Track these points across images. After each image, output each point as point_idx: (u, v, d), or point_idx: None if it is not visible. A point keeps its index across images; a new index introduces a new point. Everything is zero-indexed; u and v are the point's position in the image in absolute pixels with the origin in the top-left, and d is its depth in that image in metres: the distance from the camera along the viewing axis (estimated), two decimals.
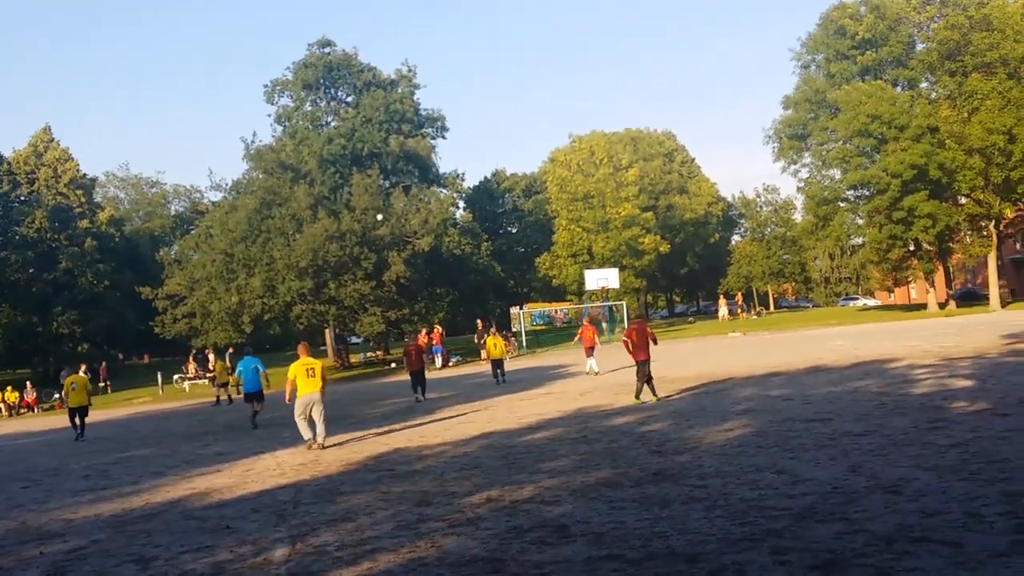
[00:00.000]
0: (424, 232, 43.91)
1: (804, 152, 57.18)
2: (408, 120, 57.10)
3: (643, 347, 17.48)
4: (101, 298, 57.44)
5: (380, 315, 40.42)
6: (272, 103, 58.03)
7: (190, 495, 11.30)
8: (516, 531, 7.56)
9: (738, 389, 18.14)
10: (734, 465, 9.70)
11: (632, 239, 63.11)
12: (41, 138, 62.25)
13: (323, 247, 38.66)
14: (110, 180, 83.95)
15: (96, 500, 11.65)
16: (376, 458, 13.10)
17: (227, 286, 39.31)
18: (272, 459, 14.19)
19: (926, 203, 48.70)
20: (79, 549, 8.66)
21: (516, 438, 13.75)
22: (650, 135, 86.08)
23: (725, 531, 6.90)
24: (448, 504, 9.04)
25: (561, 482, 9.66)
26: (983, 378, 15.69)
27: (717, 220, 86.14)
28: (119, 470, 14.75)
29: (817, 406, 14.03)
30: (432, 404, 21.79)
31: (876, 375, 18.13)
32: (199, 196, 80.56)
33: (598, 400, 18.46)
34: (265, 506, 10.00)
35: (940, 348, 23.80)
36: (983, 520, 6.54)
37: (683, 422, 13.69)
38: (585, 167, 66.35)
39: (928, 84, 54.87)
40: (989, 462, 8.56)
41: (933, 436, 10.28)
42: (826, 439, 10.80)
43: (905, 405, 13.17)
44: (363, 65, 57.67)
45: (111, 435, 22.57)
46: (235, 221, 40.91)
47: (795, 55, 58.53)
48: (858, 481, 8.28)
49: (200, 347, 42.12)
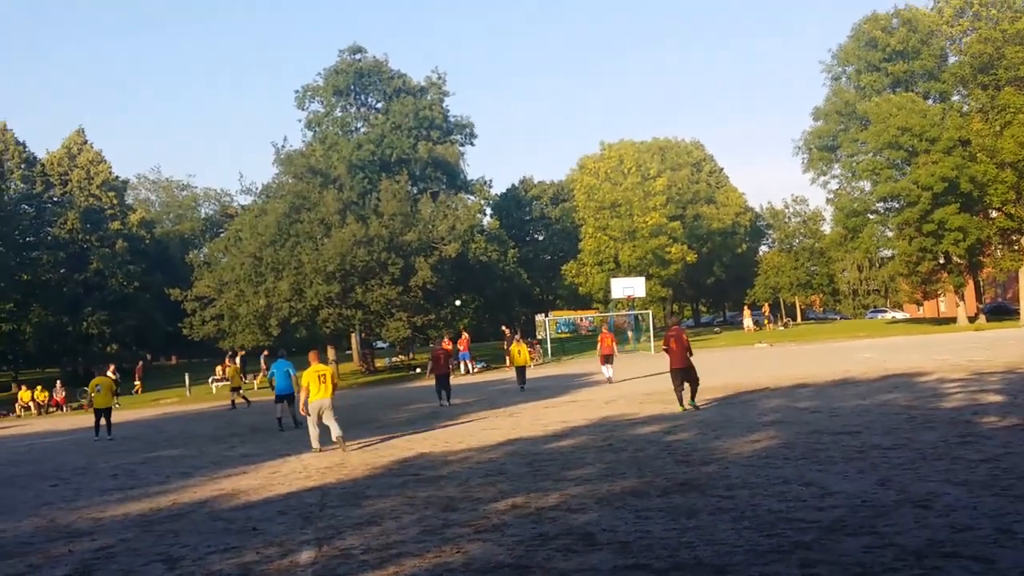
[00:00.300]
0: (451, 238, 44.02)
1: (834, 163, 56.79)
2: (437, 127, 57.32)
3: (680, 355, 17.31)
4: (131, 299, 58.01)
5: (406, 320, 40.51)
6: (303, 108, 58.48)
7: (217, 496, 11.38)
8: (542, 538, 7.55)
9: (765, 400, 18.03)
10: (761, 476, 9.65)
11: (659, 248, 62.96)
12: (74, 140, 62.97)
13: (351, 252, 38.80)
14: (141, 182, 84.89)
15: (124, 499, 11.76)
16: (401, 462, 13.13)
17: (255, 289, 39.53)
18: (298, 462, 14.26)
19: (957, 216, 48.27)
20: (107, 548, 8.74)
21: (541, 445, 13.74)
22: (678, 144, 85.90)
23: (753, 543, 6.86)
24: (473, 510, 9.05)
25: (587, 490, 9.64)
26: (1014, 393, 15.52)
27: (745, 230, 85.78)
28: (147, 470, 14.87)
29: (845, 418, 13.92)
30: (457, 410, 21.81)
31: (905, 388, 17.97)
32: (229, 200, 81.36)
33: (624, 409, 18.40)
34: (291, 508, 10.05)
35: (970, 362, 23.54)
36: (1015, 536, 6.47)
37: (710, 432, 13.63)
38: (613, 175, 66.28)
39: (960, 97, 54.42)
40: (1020, 478, 8.46)
41: (963, 451, 10.18)
42: (855, 452, 10.72)
43: (935, 419, 13.05)
44: (393, 72, 57.96)
45: (139, 435, 22.76)
46: (264, 225, 41.13)
47: (826, 66, 58.19)
48: (887, 495, 8.21)
49: (238, 348, 42.35)
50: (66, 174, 61.10)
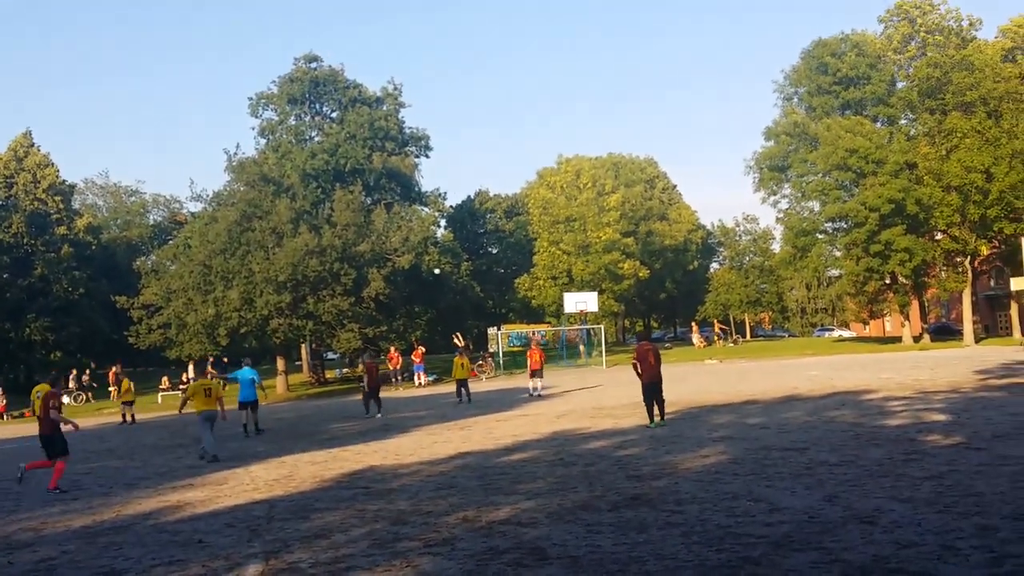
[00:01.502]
0: (404, 250, 43.93)
1: (784, 183, 57.67)
2: (392, 138, 57.21)
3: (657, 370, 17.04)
4: (75, 306, 56.89)
5: (358, 331, 40.30)
6: (256, 116, 58.04)
7: (162, 508, 11.18)
8: (492, 552, 7.52)
9: (715, 416, 18.17)
10: (711, 492, 9.71)
11: (612, 263, 63.34)
12: (21, 143, 61.73)
13: (303, 261, 38.53)
14: (89, 187, 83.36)
15: (66, 511, 11.50)
16: (351, 475, 13.02)
17: (204, 298, 39.07)
18: (245, 474, 14.07)
19: (903, 237, 49.27)
20: (48, 560, 8.54)
21: (493, 459, 13.70)
22: (632, 161, 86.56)
23: (702, 557, 6.90)
24: (424, 523, 8.99)
25: (538, 504, 9.63)
26: (957, 412, 15.79)
27: (696, 247, 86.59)
28: (89, 480, 14.58)
29: (793, 435, 14.08)
30: (407, 422, 21.70)
31: (851, 406, 18.22)
32: (179, 206, 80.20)
33: (575, 423, 18.42)
34: (238, 521, 9.91)
35: (915, 381, 23.95)
36: (958, 552, 6.57)
37: (660, 447, 13.69)
38: (569, 190, 66.61)
39: (907, 121, 55.54)
40: (964, 495, 8.61)
41: (908, 468, 10.34)
42: (802, 468, 10.84)
43: (880, 436, 13.24)
44: (349, 81, 57.79)
45: (81, 446, 22.29)
46: (215, 233, 40.69)
47: (778, 87, 59.21)
48: (834, 511, 8.30)
49: (200, 358, 41.80)
50: (12, 177, 59.83)
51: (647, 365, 16.95)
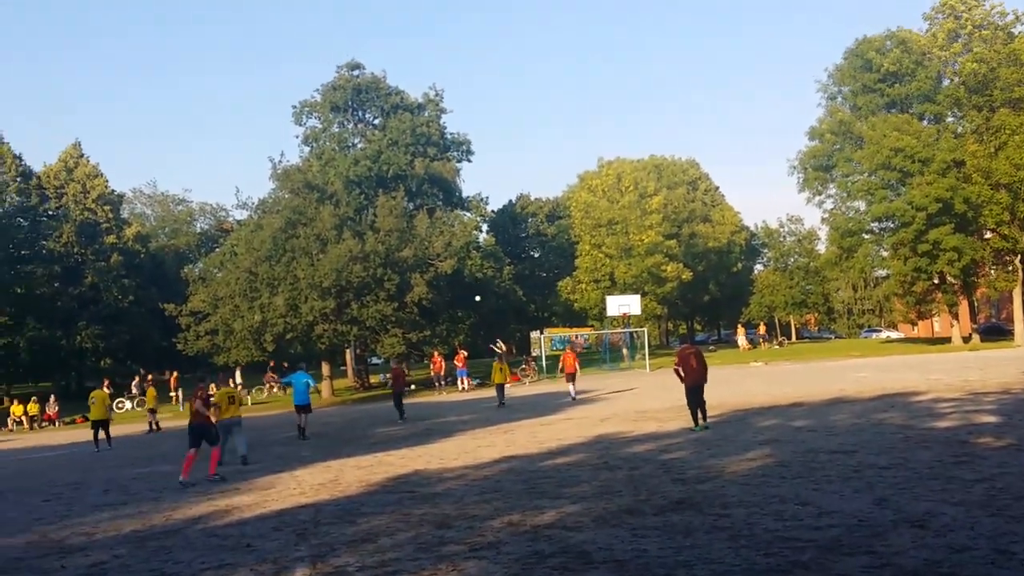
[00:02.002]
0: (447, 255, 44.04)
1: (829, 183, 56.99)
2: (434, 143, 57.43)
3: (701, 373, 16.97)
4: (125, 313, 57.81)
5: (401, 336, 40.50)
6: (300, 124, 58.58)
7: (210, 512, 11.32)
8: (538, 556, 7.52)
9: (761, 419, 18.01)
10: (758, 495, 9.63)
11: (655, 266, 62.97)
12: (71, 154, 62.89)
13: (347, 267, 38.79)
14: (137, 196, 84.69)
15: (116, 515, 11.70)
16: (396, 479, 13.09)
17: (250, 304, 39.47)
18: (291, 478, 14.20)
19: (951, 236, 48.45)
20: (100, 564, 8.69)
21: (537, 463, 13.70)
22: (674, 163, 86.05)
23: (750, 562, 6.84)
24: (469, 527, 9.01)
25: (583, 508, 9.61)
26: (1008, 413, 15.53)
27: (740, 249, 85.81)
28: (139, 485, 14.81)
29: (841, 438, 13.92)
30: (452, 427, 21.79)
31: (900, 408, 17.97)
32: (225, 214, 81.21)
33: (619, 427, 18.37)
34: (285, 525, 10.00)
35: (964, 382, 23.57)
36: (1013, 557, 6.46)
37: (705, 451, 13.61)
38: (610, 193, 66.38)
39: (954, 119, 54.65)
40: (1017, 498, 8.46)
41: (959, 471, 10.17)
42: (851, 471, 10.70)
43: (930, 439, 13.04)
44: (391, 88, 58.11)
45: (131, 451, 22.66)
46: (260, 240, 41.10)
47: (821, 86, 58.50)
48: (884, 514, 8.19)
49: (231, 364, 42.31)
50: (62, 187, 60.96)
51: (689, 369, 16.90)
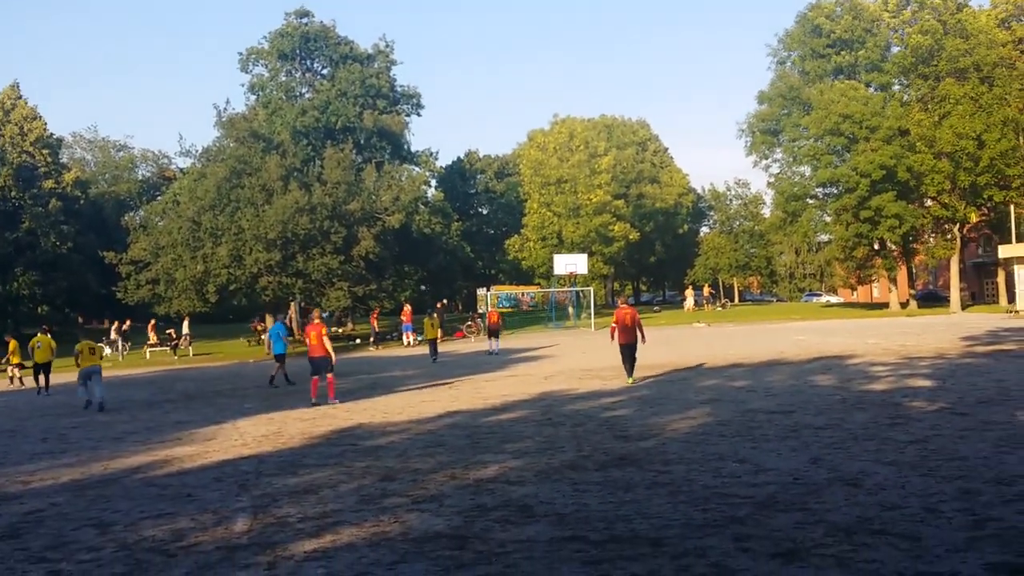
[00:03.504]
0: (395, 209, 43.74)
1: (776, 148, 57.59)
2: (383, 96, 56.78)
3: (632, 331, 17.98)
4: (64, 260, 56.59)
5: (347, 290, 40.26)
6: (246, 71, 57.49)
7: (150, 462, 11.21)
8: (480, 509, 7.59)
9: (702, 378, 18.29)
10: (697, 453, 9.79)
11: (602, 226, 63.29)
12: (8, 95, 61.01)
13: (293, 219, 38.36)
14: (77, 141, 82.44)
15: (54, 464, 11.53)
16: (339, 432, 13.07)
17: (193, 254, 38.93)
18: (233, 429, 14.10)
19: (893, 204, 49.31)
20: (36, 512, 8.57)
21: (481, 418, 13.77)
22: (624, 123, 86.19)
23: (688, 517, 6.96)
24: (412, 480, 9.05)
25: (525, 463, 9.69)
26: (942, 378, 15.93)
27: (687, 211, 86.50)
28: (78, 434, 14.60)
29: (779, 398, 14.19)
30: (395, 381, 21.78)
31: (837, 370, 18.36)
32: (167, 162, 79.58)
33: (563, 384, 18.51)
34: (227, 476, 9.95)
35: (901, 347, 24.13)
36: (941, 515, 6.65)
37: (647, 409, 13.78)
38: (561, 151, 66.32)
39: (900, 87, 55.34)
40: (947, 459, 8.70)
41: (893, 432, 10.44)
42: (788, 431, 10.93)
43: (866, 401, 13.35)
44: (340, 38, 57.19)
45: (69, 399, 22.31)
46: (204, 189, 40.47)
47: (771, 51, 58.97)
48: (819, 473, 8.39)
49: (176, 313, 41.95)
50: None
51: (624, 327, 18.02)
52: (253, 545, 6.80)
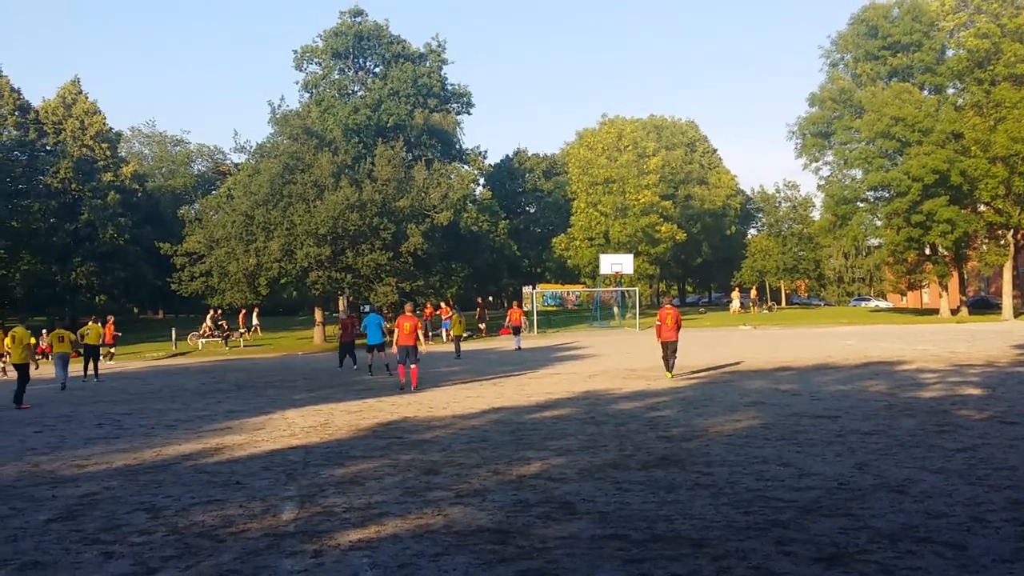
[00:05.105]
0: (443, 207, 44.00)
1: (827, 150, 56.86)
2: (434, 94, 57.11)
3: (673, 329, 19.28)
4: (121, 252, 57.69)
5: (395, 285, 40.59)
6: (301, 69, 58.14)
7: (201, 450, 11.45)
8: (522, 505, 7.67)
9: (747, 381, 18.20)
10: (741, 455, 9.79)
11: (649, 226, 62.93)
12: (70, 90, 62.23)
13: (343, 215, 38.76)
14: (135, 135, 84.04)
15: (109, 449, 11.82)
16: (385, 425, 13.23)
17: (246, 247, 39.47)
18: (282, 419, 14.34)
19: (946, 208, 48.49)
20: (91, 495, 8.81)
21: (525, 415, 13.85)
22: (673, 124, 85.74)
23: (730, 519, 6.99)
24: (456, 475, 9.16)
25: (568, 460, 9.76)
26: (992, 386, 15.71)
27: (735, 213, 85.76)
28: (132, 421, 14.93)
29: (825, 403, 14.09)
30: (440, 376, 21.93)
31: (885, 376, 18.17)
32: (222, 157, 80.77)
33: (607, 383, 18.53)
34: (275, 465, 10.14)
35: (951, 354, 23.78)
36: (988, 525, 6.61)
37: (691, 410, 13.77)
38: (609, 151, 66.08)
39: (955, 91, 54.39)
40: (995, 468, 8.62)
41: (940, 439, 10.34)
42: (833, 436, 10.87)
43: (913, 407, 13.22)
44: (393, 37, 57.62)
45: (124, 387, 22.80)
46: (257, 184, 40.99)
47: (824, 52, 58.17)
48: (864, 479, 8.35)
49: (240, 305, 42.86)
50: (60, 123, 60.39)
51: (664, 326, 19.36)
52: (299, 533, 6.96)
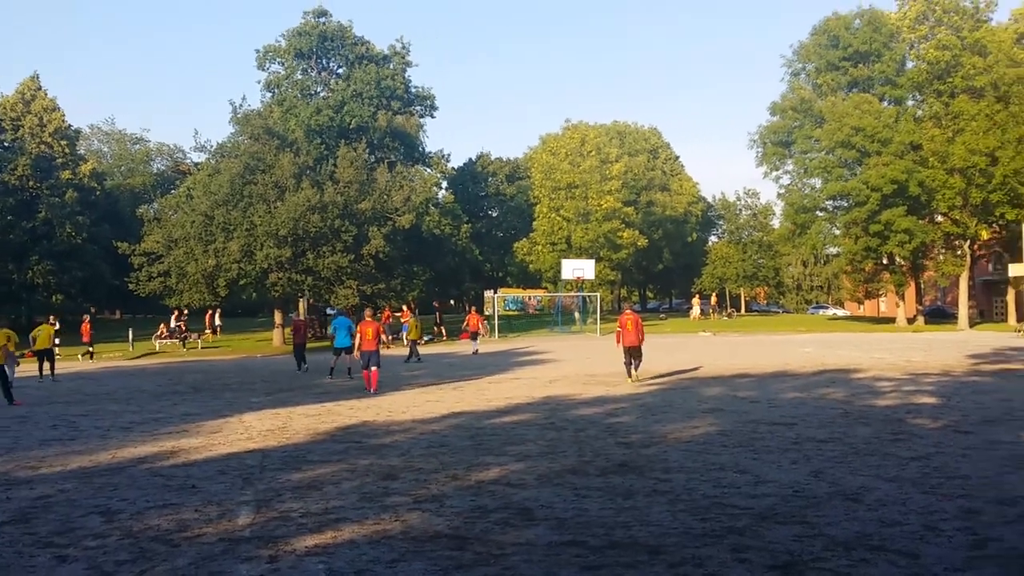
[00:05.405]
0: (405, 209, 43.84)
1: (787, 159, 57.43)
2: (398, 97, 56.88)
3: (634, 335, 19.61)
4: (78, 250, 56.79)
5: (356, 288, 40.38)
6: (263, 69, 57.58)
7: (157, 453, 11.31)
8: (480, 511, 7.66)
9: (706, 387, 18.32)
10: (698, 462, 9.84)
11: (611, 232, 63.26)
12: (28, 86, 61.24)
13: (304, 217, 38.51)
14: (94, 133, 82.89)
15: (63, 451, 11.64)
16: (344, 430, 13.15)
17: (205, 248, 39.08)
18: (239, 422, 14.20)
19: (904, 219, 49.22)
20: (45, 497, 8.68)
21: (484, 420, 13.84)
22: (636, 130, 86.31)
23: (687, 526, 7.02)
24: (414, 480, 9.12)
25: (527, 466, 9.76)
26: (947, 395, 15.94)
27: (696, 219, 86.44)
28: (87, 423, 14.71)
29: (782, 410, 14.22)
30: (401, 380, 21.86)
31: (842, 384, 18.37)
32: (182, 156, 79.92)
33: (567, 389, 18.58)
34: (232, 469, 10.04)
35: (906, 362, 24.12)
36: (941, 533, 6.69)
37: (650, 416, 13.83)
38: (572, 157, 66.32)
39: (914, 102, 55.21)
40: (949, 477, 8.74)
41: (895, 448, 10.47)
42: (790, 443, 10.97)
43: (869, 415, 13.37)
44: (357, 38, 57.30)
45: (79, 388, 22.46)
46: (217, 184, 40.60)
47: (786, 62, 58.78)
48: (819, 486, 8.43)
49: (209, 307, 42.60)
50: (18, 120, 59.40)
51: (625, 331, 19.75)
52: (255, 539, 6.89)
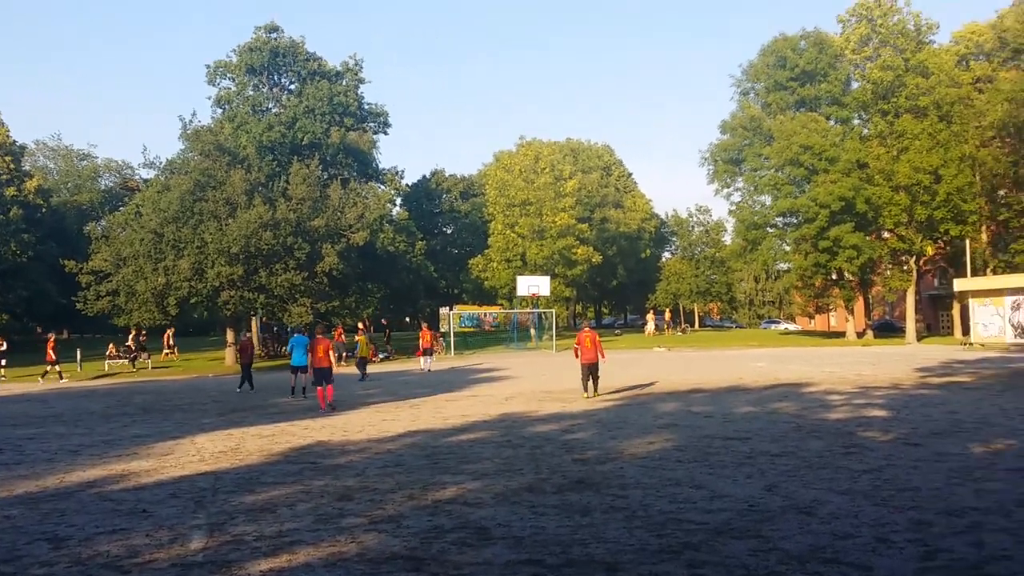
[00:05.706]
0: (359, 227, 43.59)
1: (738, 176, 58.23)
2: (351, 113, 56.73)
3: (592, 352, 20.04)
4: (23, 269, 55.67)
5: (309, 306, 40.02)
6: (213, 84, 57.13)
7: (106, 476, 11.10)
8: (437, 531, 7.62)
9: (661, 403, 18.42)
10: (654, 478, 9.89)
11: (566, 248, 63.46)
12: None
13: (256, 234, 38.12)
14: (40, 149, 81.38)
15: (9, 476, 11.38)
16: (298, 450, 13.02)
17: (155, 266, 38.50)
18: (191, 444, 14.00)
19: (852, 235, 50.12)
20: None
21: (441, 438, 13.78)
22: (590, 147, 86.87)
23: (643, 542, 7.05)
24: (370, 500, 9.06)
25: (484, 485, 9.74)
26: (897, 408, 16.19)
27: (649, 236, 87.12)
28: (33, 446, 14.40)
29: (736, 424, 14.35)
30: (356, 399, 21.71)
31: (794, 398, 18.58)
32: (131, 172, 78.82)
33: (523, 406, 18.56)
34: (183, 492, 9.88)
35: (857, 376, 24.46)
36: (893, 545, 6.79)
37: (606, 432, 13.87)
38: (526, 174, 66.51)
39: (860, 121, 56.31)
40: (900, 489, 8.87)
41: (847, 461, 10.60)
42: (744, 457, 11.06)
43: (821, 429, 13.54)
44: (309, 54, 57.10)
45: (25, 410, 21.99)
46: (167, 201, 40.05)
47: (736, 81, 59.65)
48: (773, 500, 8.51)
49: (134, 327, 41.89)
50: None
51: (584, 348, 20.12)
52: (208, 563, 6.78)
